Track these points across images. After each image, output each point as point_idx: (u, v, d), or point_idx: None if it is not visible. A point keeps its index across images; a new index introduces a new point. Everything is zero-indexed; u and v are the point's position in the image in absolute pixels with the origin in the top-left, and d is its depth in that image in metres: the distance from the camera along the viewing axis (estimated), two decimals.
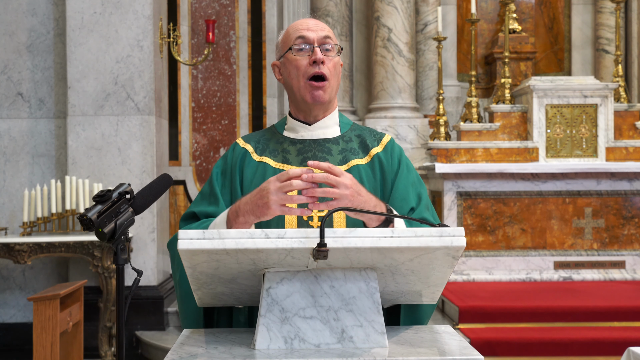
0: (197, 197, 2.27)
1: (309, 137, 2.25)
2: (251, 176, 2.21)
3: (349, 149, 2.24)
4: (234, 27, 7.07)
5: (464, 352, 1.71)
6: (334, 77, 2.20)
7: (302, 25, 2.22)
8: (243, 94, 7.12)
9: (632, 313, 5.18)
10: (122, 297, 1.73)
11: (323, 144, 2.23)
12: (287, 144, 2.25)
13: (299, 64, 2.18)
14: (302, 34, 2.19)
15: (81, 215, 1.65)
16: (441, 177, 6.32)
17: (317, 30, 2.19)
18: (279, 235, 1.68)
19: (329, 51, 2.19)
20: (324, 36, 2.19)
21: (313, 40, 2.18)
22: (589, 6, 8.31)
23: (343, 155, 2.22)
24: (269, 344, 1.72)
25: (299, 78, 2.18)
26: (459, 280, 6.19)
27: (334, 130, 2.27)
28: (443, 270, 1.81)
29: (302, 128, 2.25)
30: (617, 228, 6.28)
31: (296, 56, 2.18)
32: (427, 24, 7.90)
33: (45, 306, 3.97)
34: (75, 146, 5.69)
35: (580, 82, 6.36)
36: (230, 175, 2.24)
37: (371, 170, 2.21)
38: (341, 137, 2.26)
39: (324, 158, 2.21)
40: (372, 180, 2.20)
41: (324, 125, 2.26)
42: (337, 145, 2.24)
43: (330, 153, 2.22)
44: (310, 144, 2.23)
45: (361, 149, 2.25)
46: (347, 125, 2.31)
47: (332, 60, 2.19)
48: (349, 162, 2.21)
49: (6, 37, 5.92)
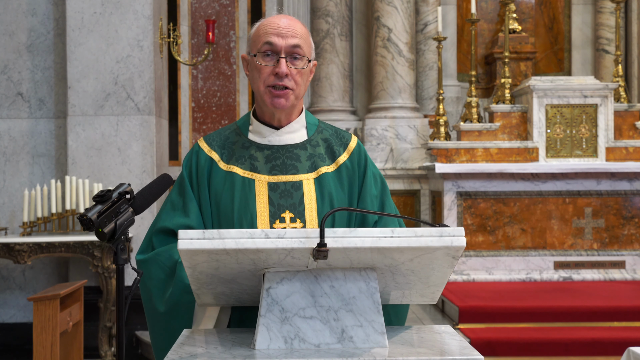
0: (166, 207, 2.19)
1: (276, 142, 2.20)
2: (220, 187, 2.16)
3: (317, 155, 2.20)
4: (234, 27, 7.07)
5: (464, 352, 1.71)
6: (299, 85, 2.14)
7: (273, 27, 2.13)
8: (243, 94, 7.12)
9: (632, 313, 5.18)
10: (122, 297, 1.73)
11: (291, 150, 2.19)
12: (254, 149, 2.19)
13: (263, 70, 2.12)
14: (270, 40, 2.11)
15: (81, 215, 1.65)
16: (441, 177, 6.32)
17: (287, 37, 2.11)
18: (279, 235, 1.68)
19: (297, 59, 2.12)
20: (293, 45, 2.11)
21: (280, 49, 2.10)
22: (589, 6, 8.31)
23: (311, 162, 2.19)
24: (269, 344, 1.72)
25: (260, 83, 2.14)
26: (459, 280, 6.19)
27: (301, 134, 2.23)
28: (443, 270, 1.81)
29: (269, 132, 2.20)
30: (617, 228, 6.28)
31: (261, 63, 2.13)
32: (427, 24, 7.90)
33: (45, 306, 3.97)
34: (75, 146, 5.69)
35: (580, 82, 6.36)
36: (198, 185, 2.18)
37: (338, 180, 2.19)
38: (308, 142, 2.22)
39: (293, 165, 2.18)
40: (339, 190, 2.19)
41: (291, 129, 2.21)
42: (305, 151, 2.20)
43: (298, 160, 2.19)
44: (278, 150, 2.19)
45: (328, 154, 2.22)
46: (313, 126, 2.26)
47: (298, 71, 2.12)
48: (317, 170, 2.18)
49: (6, 37, 5.92)
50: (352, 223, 2.19)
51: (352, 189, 2.21)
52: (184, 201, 2.17)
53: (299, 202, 2.13)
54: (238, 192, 2.14)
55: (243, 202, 2.13)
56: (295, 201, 2.13)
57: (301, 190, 2.15)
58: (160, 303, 2.11)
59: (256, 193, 2.14)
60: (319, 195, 2.15)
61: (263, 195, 2.14)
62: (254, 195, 2.13)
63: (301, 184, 2.16)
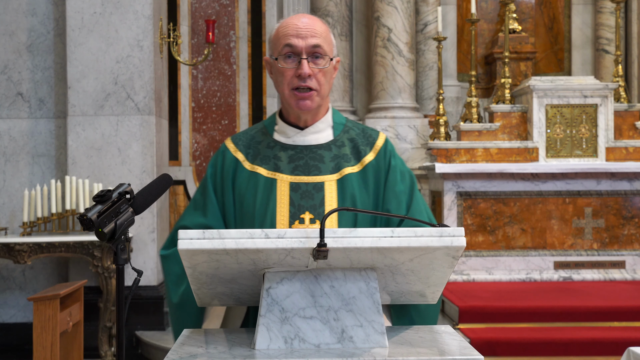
0: (190, 205, 2.24)
1: (300, 142, 2.20)
2: (244, 187, 2.17)
3: (341, 156, 2.19)
4: (234, 27, 7.07)
5: (464, 352, 1.71)
6: (323, 85, 2.14)
7: (292, 29, 2.13)
8: (243, 94, 7.12)
9: (632, 313, 5.18)
10: (122, 297, 1.73)
11: (315, 151, 2.19)
12: (279, 149, 2.20)
13: (286, 73, 2.12)
14: (290, 42, 2.11)
15: (81, 215, 1.65)
16: (441, 177, 6.32)
17: (307, 37, 2.11)
18: (279, 235, 1.68)
19: (319, 58, 2.12)
20: (313, 45, 2.11)
21: (300, 50, 2.10)
22: (589, 6, 8.31)
23: (335, 163, 2.18)
24: (269, 344, 1.72)
25: (285, 87, 2.14)
26: (459, 280, 6.19)
27: (326, 134, 2.22)
28: (443, 270, 1.81)
29: (294, 132, 2.21)
30: (617, 228, 6.28)
31: (283, 65, 2.12)
32: (427, 24, 7.90)
33: (45, 306, 3.97)
34: (75, 146, 5.69)
35: (580, 82, 6.36)
36: (222, 186, 2.20)
37: (363, 181, 2.18)
38: (333, 142, 2.21)
39: (316, 166, 2.17)
40: (364, 191, 2.17)
41: (316, 129, 2.21)
42: (330, 152, 2.19)
43: (322, 160, 2.18)
44: (302, 150, 2.19)
45: (353, 155, 2.20)
46: (340, 126, 2.25)
47: (320, 70, 2.12)
48: (341, 171, 2.17)
49: (6, 37, 5.92)
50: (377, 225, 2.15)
51: (379, 188, 2.18)
52: (204, 201, 2.20)
53: (319, 203, 2.12)
54: (260, 192, 2.15)
55: (264, 202, 2.13)
56: (316, 202, 2.12)
57: (323, 192, 2.14)
58: (174, 295, 2.16)
59: (277, 193, 2.13)
60: (340, 197, 2.13)
61: (284, 195, 2.13)
62: (275, 195, 2.13)
63: (323, 185, 2.14)
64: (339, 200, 2.13)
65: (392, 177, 2.19)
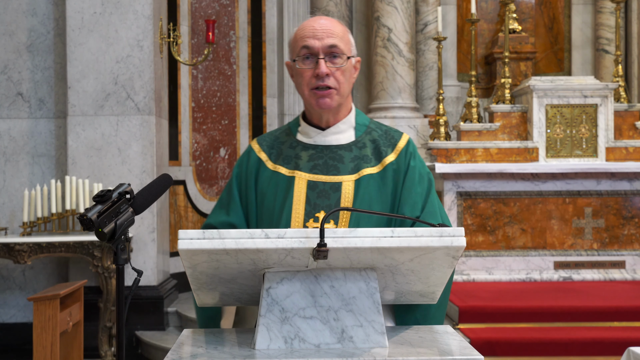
0: (217, 204, 2.29)
1: (321, 142, 2.22)
2: (265, 186, 2.21)
3: (362, 157, 2.20)
4: (234, 27, 7.07)
5: (464, 352, 1.71)
6: (342, 83, 2.16)
7: (309, 31, 2.17)
8: (243, 94, 7.12)
9: (632, 313, 5.17)
10: (122, 297, 1.73)
11: (335, 151, 2.21)
12: (300, 149, 2.23)
13: (304, 74, 2.16)
14: (307, 43, 2.14)
15: (81, 215, 1.65)
16: (441, 177, 6.32)
17: (323, 38, 2.14)
18: (279, 235, 1.68)
19: (336, 57, 2.15)
20: (330, 45, 2.14)
21: (317, 51, 2.14)
22: (589, 6, 8.31)
23: (355, 164, 2.19)
24: (269, 344, 1.72)
25: (304, 87, 2.17)
26: (459, 280, 6.18)
27: (348, 135, 2.24)
28: (443, 270, 1.81)
29: (315, 132, 2.23)
30: (617, 228, 6.28)
31: (301, 67, 2.16)
32: (427, 24, 7.90)
33: (45, 306, 3.97)
34: (75, 146, 5.69)
35: (580, 82, 6.36)
36: (246, 185, 2.23)
37: (382, 181, 2.18)
38: (355, 144, 2.23)
39: (335, 166, 2.18)
40: (383, 191, 2.17)
41: (337, 130, 2.23)
42: (350, 153, 2.21)
43: (342, 161, 2.19)
44: (322, 150, 2.21)
45: (374, 156, 2.21)
46: (362, 127, 2.27)
47: (338, 69, 2.15)
48: (360, 171, 2.17)
49: (6, 37, 5.92)
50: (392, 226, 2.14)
51: (397, 188, 2.19)
52: (228, 200, 2.24)
53: (335, 203, 2.13)
54: (281, 191, 2.17)
55: (282, 199, 2.16)
56: (332, 202, 2.13)
57: (339, 192, 2.15)
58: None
59: (294, 190, 2.15)
60: (356, 197, 2.14)
61: (301, 193, 2.15)
62: (292, 192, 2.15)
63: (340, 186, 2.16)
64: (354, 201, 2.14)
65: (410, 178, 2.20)
